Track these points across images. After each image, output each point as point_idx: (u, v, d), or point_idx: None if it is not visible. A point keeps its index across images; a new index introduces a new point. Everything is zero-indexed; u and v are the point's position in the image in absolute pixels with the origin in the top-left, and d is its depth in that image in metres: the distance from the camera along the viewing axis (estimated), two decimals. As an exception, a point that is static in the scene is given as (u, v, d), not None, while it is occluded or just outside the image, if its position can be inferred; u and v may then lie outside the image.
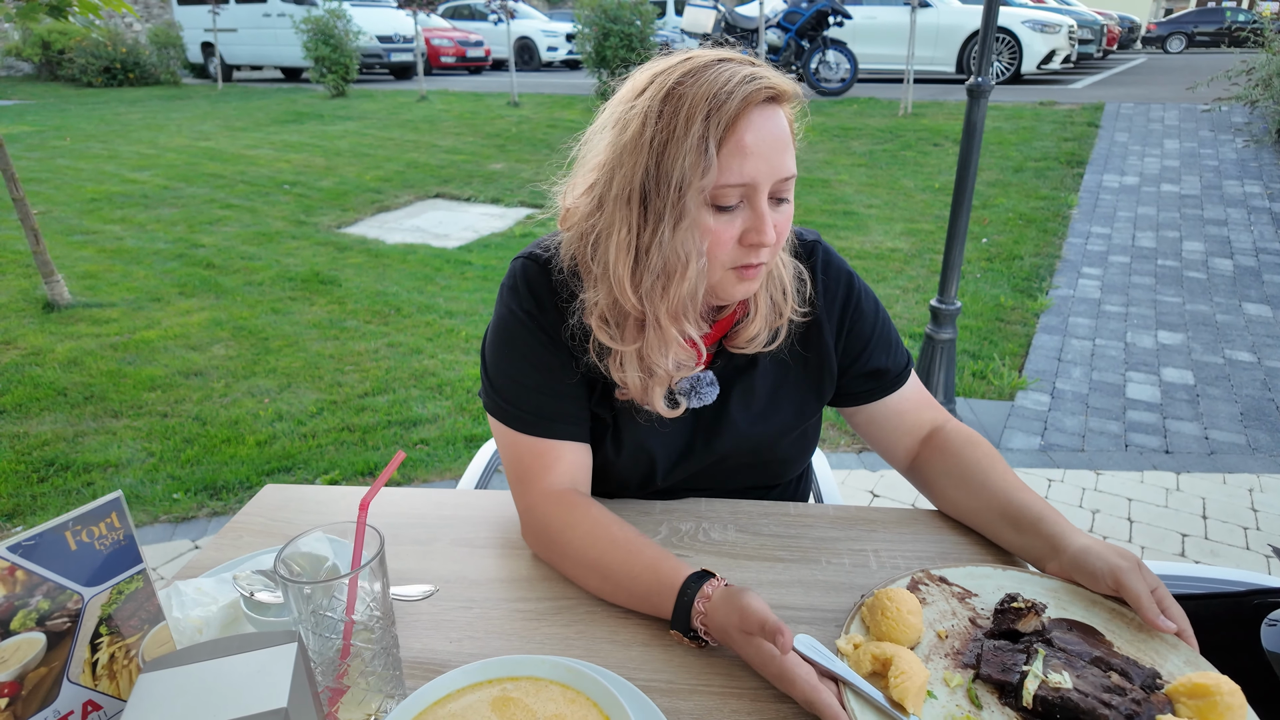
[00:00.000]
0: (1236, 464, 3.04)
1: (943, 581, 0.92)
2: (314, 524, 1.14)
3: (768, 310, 1.05)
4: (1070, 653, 0.78)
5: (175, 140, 9.53)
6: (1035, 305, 4.48)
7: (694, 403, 1.07)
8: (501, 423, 1.07)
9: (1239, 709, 0.70)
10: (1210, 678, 0.73)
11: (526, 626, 0.92)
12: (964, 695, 0.77)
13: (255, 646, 0.66)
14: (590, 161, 0.99)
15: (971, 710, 0.76)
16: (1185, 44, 22.55)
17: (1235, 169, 6.65)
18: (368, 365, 3.89)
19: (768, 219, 0.92)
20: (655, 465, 1.11)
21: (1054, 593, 0.89)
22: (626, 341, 1.00)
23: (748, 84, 0.88)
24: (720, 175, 0.89)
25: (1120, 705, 0.72)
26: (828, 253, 1.14)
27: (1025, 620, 0.82)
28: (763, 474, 1.19)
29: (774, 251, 0.97)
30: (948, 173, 6.96)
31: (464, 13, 19.07)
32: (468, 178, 7.47)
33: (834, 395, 1.17)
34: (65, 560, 0.67)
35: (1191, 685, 0.73)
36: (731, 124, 0.88)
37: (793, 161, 0.94)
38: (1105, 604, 0.87)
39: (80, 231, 6.09)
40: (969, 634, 0.85)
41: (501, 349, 1.07)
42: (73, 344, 4.08)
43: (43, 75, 16.84)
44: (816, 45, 10.59)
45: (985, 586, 0.92)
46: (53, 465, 3.04)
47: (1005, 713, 0.75)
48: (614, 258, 0.95)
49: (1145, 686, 0.75)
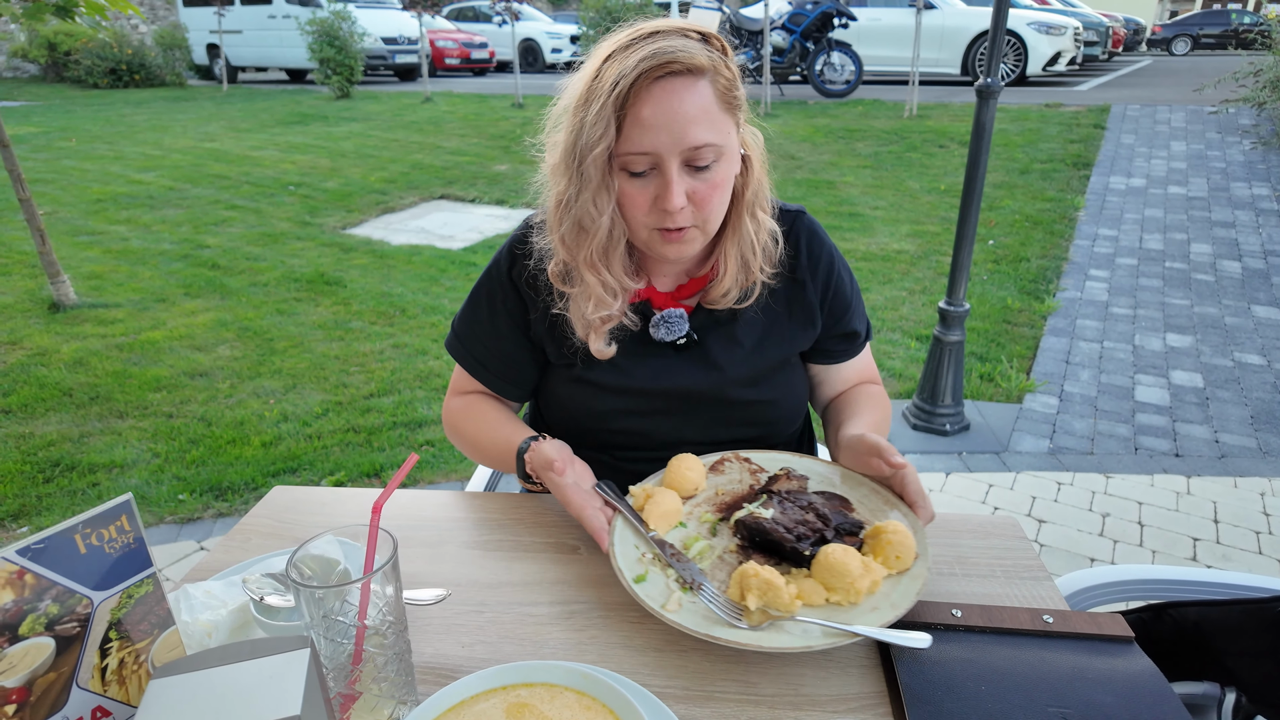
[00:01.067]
0: (1248, 468, 3.02)
1: (746, 460, 1.14)
2: (323, 526, 1.13)
3: (737, 269, 1.14)
4: (792, 502, 0.98)
5: (180, 141, 9.55)
6: (1042, 307, 4.46)
7: (663, 334, 1.17)
8: (451, 355, 1.29)
9: (899, 544, 0.89)
10: (886, 523, 0.92)
11: (539, 631, 0.91)
12: (707, 528, 1.02)
13: (267, 652, 0.64)
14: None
15: (706, 535, 1.01)
16: (1190, 46, 22.49)
17: (1243, 171, 6.62)
18: (373, 366, 3.88)
19: (673, 186, 1.00)
20: (642, 393, 1.19)
21: (827, 475, 1.10)
22: (570, 287, 1.13)
23: (649, 60, 0.96)
24: (624, 144, 0.99)
25: (801, 534, 0.92)
26: (812, 224, 1.25)
27: (779, 482, 1.05)
28: (758, 416, 1.23)
29: (702, 217, 1.05)
30: (953, 174, 6.94)
31: (469, 14, 19.10)
32: (472, 179, 7.47)
33: (808, 351, 1.28)
34: (74, 564, 0.66)
35: (873, 529, 0.93)
36: (630, 97, 0.97)
37: (708, 132, 0.99)
38: (868, 484, 1.06)
39: (86, 232, 6.10)
40: (742, 494, 1.07)
41: (471, 296, 1.26)
42: (78, 344, 4.08)
43: (49, 77, 16.89)
44: (821, 47, 10.58)
45: (776, 466, 1.12)
46: (58, 466, 3.04)
47: (731, 540, 0.98)
48: (550, 213, 1.11)
49: (841, 529, 0.95)
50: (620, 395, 1.19)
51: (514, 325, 1.23)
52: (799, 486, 1.05)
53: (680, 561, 0.94)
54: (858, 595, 0.86)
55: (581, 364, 1.19)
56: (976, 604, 0.91)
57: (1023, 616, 0.88)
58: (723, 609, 0.86)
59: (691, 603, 0.88)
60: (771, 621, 0.83)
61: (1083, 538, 2.63)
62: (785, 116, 9.41)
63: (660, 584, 0.91)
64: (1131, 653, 0.84)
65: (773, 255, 1.18)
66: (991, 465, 3.06)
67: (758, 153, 1.13)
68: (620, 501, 1.04)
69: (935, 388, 3.26)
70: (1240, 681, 1.01)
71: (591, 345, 1.15)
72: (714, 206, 1.06)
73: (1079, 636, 0.86)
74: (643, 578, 0.91)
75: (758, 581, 0.85)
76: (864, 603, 0.86)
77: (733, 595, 0.87)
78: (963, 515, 1.11)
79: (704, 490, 1.09)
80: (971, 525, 1.09)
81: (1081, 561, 2.51)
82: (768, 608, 0.84)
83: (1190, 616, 1.05)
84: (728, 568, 0.94)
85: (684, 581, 0.91)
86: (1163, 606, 1.09)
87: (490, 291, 1.24)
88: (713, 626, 0.83)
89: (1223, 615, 1.04)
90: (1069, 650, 0.84)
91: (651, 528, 0.99)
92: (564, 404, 1.24)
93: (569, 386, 1.22)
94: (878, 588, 0.88)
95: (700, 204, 1.04)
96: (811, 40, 10.69)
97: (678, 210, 1.02)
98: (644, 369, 1.19)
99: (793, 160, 7.52)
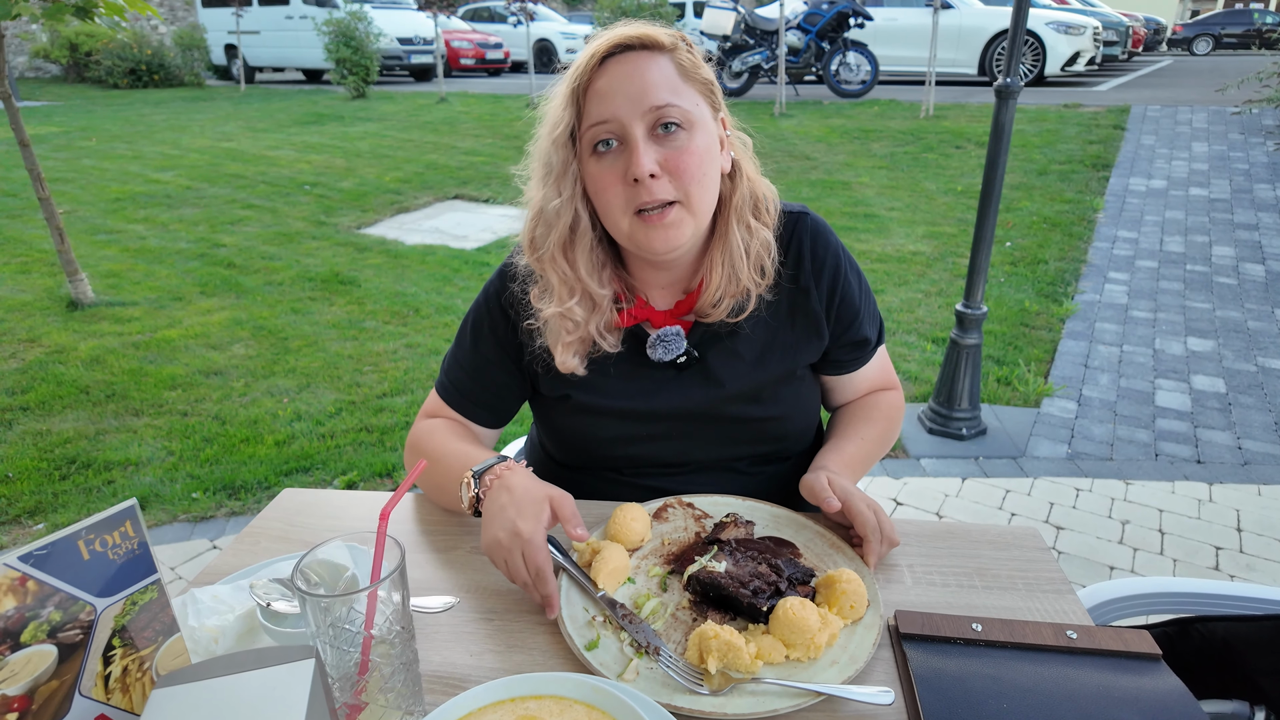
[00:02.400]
0: (1271, 475, 2.96)
1: (690, 506, 1.10)
2: (332, 529, 1.12)
3: (723, 277, 1.08)
4: (745, 552, 0.96)
5: (198, 141, 9.63)
6: (1061, 310, 4.40)
7: (660, 354, 1.12)
8: (435, 390, 1.24)
9: (853, 594, 0.88)
10: (839, 572, 0.91)
11: (548, 640, 0.90)
12: (657, 582, 0.98)
13: (272, 662, 0.63)
14: None
15: (656, 591, 0.97)
16: (1212, 46, 22.21)
17: (1266, 172, 6.51)
18: (386, 366, 3.88)
19: (639, 148, 0.97)
20: (642, 416, 1.15)
21: (776, 519, 1.08)
22: (544, 304, 1.10)
23: (607, 40, 1.00)
24: (585, 119, 1.00)
25: (757, 588, 0.89)
26: (816, 223, 1.16)
27: (727, 530, 1.02)
28: (765, 433, 1.18)
29: (683, 189, 1.00)
30: (970, 175, 6.87)
31: (484, 15, 19.16)
32: (486, 179, 7.48)
33: (818, 362, 1.21)
34: (78, 570, 0.65)
35: (825, 578, 0.92)
36: (587, 75, 0.99)
37: (670, 94, 0.99)
38: (813, 528, 1.05)
39: (104, 231, 6.15)
40: (689, 543, 1.03)
41: (462, 328, 1.22)
42: (95, 342, 4.11)
43: (70, 77, 17.10)
44: (837, 47, 10.52)
45: (720, 511, 1.09)
46: (74, 463, 3.06)
47: (683, 595, 0.95)
48: (525, 222, 1.11)
49: (793, 579, 0.93)
50: (622, 420, 1.15)
51: (501, 351, 1.18)
52: (746, 533, 1.03)
53: (633, 624, 0.89)
54: (817, 650, 0.84)
55: (576, 391, 1.14)
56: (998, 618, 0.88)
57: (1046, 632, 0.86)
58: (682, 674, 0.82)
59: (649, 669, 0.84)
60: (733, 685, 0.81)
61: (1102, 545, 2.58)
62: (800, 117, 9.36)
63: (614, 650, 0.87)
64: (1159, 671, 0.82)
65: (767, 266, 1.11)
66: (1009, 470, 3.02)
67: (747, 158, 1.11)
68: (566, 560, 0.99)
69: (952, 391, 3.22)
70: (1270, 700, 0.98)
71: (557, 357, 1.09)
72: (692, 176, 0.99)
73: (1105, 653, 0.83)
74: (594, 644, 0.87)
75: (718, 643, 0.82)
76: (823, 656, 0.85)
77: (691, 658, 0.84)
78: (982, 526, 1.09)
79: (650, 540, 1.05)
80: (991, 536, 1.06)
81: (1101, 570, 2.47)
82: (728, 670, 0.82)
83: (1218, 632, 1.03)
84: (682, 626, 0.91)
85: (639, 645, 0.87)
86: (1189, 621, 1.06)
87: (479, 318, 1.19)
88: (674, 695, 0.80)
89: (1252, 631, 1.01)
90: (1094, 668, 0.82)
91: (601, 587, 0.94)
92: (568, 436, 1.21)
93: (570, 419, 1.18)
94: (835, 640, 0.86)
95: (676, 173, 0.99)
96: (827, 40, 10.64)
97: (647, 174, 0.97)
98: (642, 391, 1.14)
99: (808, 160, 7.47)
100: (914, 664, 0.82)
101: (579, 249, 1.06)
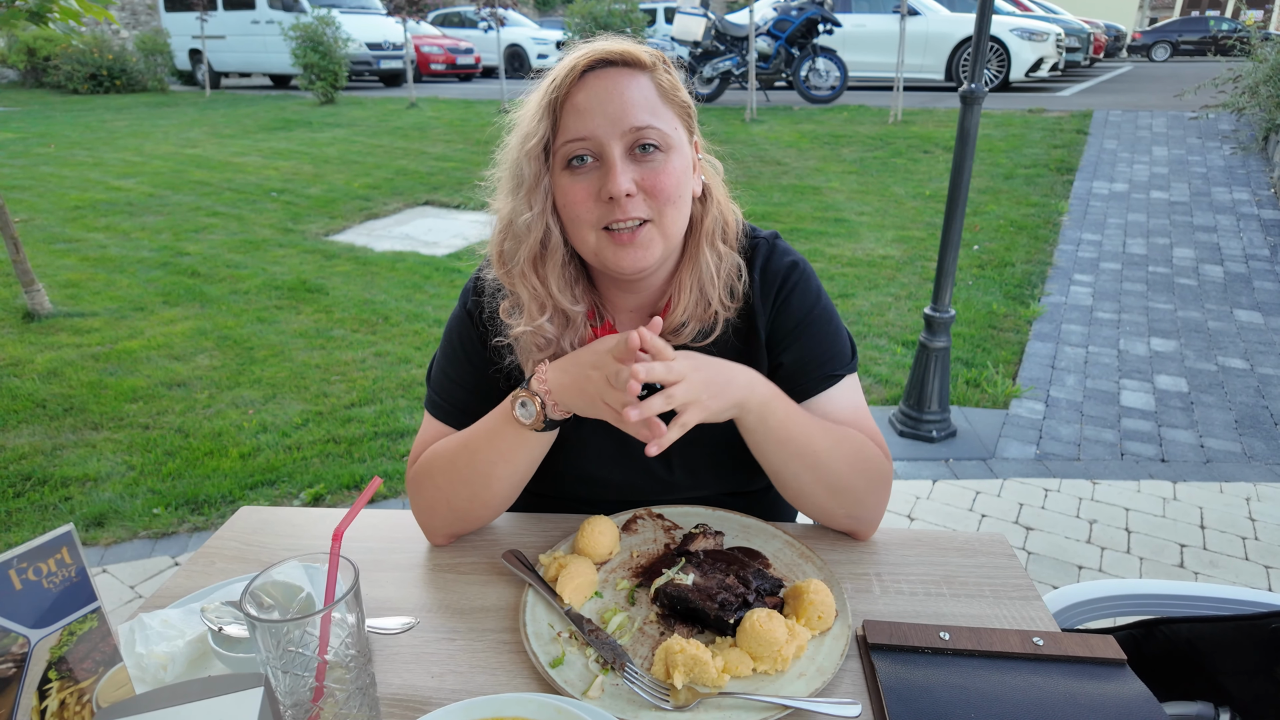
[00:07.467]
0: (1233, 472, 3.02)
1: (659, 517, 1.10)
2: (291, 549, 1.09)
3: (690, 299, 1.06)
4: (713, 564, 0.95)
5: (162, 148, 9.44)
6: (1028, 312, 4.46)
7: None
8: (427, 411, 1.19)
9: (821, 604, 0.88)
10: (807, 583, 0.91)
11: (512, 660, 0.88)
12: (624, 596, 0.97)
13: (218, 691, 0.61)
14: None
15: (624, 604, 0.96)
16: (1170, 52, 22.76)
17: (1223, 176, 6.68)
18: (355, 375, 3.82)
19: (616, 167, 0.96)
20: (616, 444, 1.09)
21: (745, 529, 1.08)
22: (513, 320, 1.07)
23: (586, 54, 0.97)
24: (561, 134, 0.98)
25: (725, 600, 0.88)
26: (774, 247, 1.13)
27: (696, 542, 1.01)
28: (733, 465, 1.12)
29: (657, 208, 0.98)
30: (938, 180, 6.96)
31: (454, 20, 19.06)
32: (458, 185, 7.42)
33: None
34: (10, 601, 0.62)
35: (793, 588, 0.92)
36: (565, 89, 0.97)
37: (650, 116, 0.97)
38: (782, 537, 1.05)
39: (63, 240, 6.00)
40: (658, 555, 1.02)
41: (443, 343, 1.19)
42: (53, 354, 4.00)
43: (28, 82, 16.70)
44: (806, 53, 10.62)
45: (690, 522, 1.09)
46: (29, 479, 2.96)
47: (651, 609, 0.94)
48: (493, 234, 1.08)
49: (762, 591, 0.92)
50: (597, 457, 1.12)
51: (480, 361, 1.14)
52: (716, 544, 1.02)
53: (599, 639, 0.88)
54: (785, 663, 0.83)
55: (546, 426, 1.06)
56: (965, 626, 0.88)
57: (1013, 639, 0.86)
58: (648, 690, 0.81)
59: (615, 685, 0.83)
60: (699, 700, 0.80)
61: (1070, 545, 2.61)
62: (770, 122, 9.42)
63: (579, 667, 0.85)
64: (1123, 676, 0.82)
65: (737, 288, 1.08)
66: (979, 472, 3.05)
67: (718, 184, 1.10)
68: (530, 575, 0.97)
69: (921, 394, 3.24)
70: (1234, 700, 0.99)
71: (529, 375, 1.05)
72: (668, 197, 0.98)
73: (1070, 660, 0.83)
74: (559, 660, 0.86)
75: (684, 658, 0.81)
76: (791, 668, 0.84)
77: (657, 673, 0.83)
78: (949, 533, 1.09)
79: (618, 553, 1.04)
80: (958, 543, 1.06)
81: (1069, 569, 2.50)
82: (695, 684, 0.81)
83: (1183, 633, 1.03)
84: (650, 640, 0.90)
85: (605, 661, 0.85)
86: (1154, 623, 1.07)
87: (452, 330, 1.17)
88: (640, 712, 0.79)
89: (1216, 632, 1.02)
90: (1060, 674, 0.82)
91: (566, 601, 0.93)
92: (557, 469, 1.14)
93: (550, 453, 1.10)
94: (803, 651, 0.86)
95: (652, 192, 0.97)
96: (797, 46, 10.73)
97: (623, 194, 0.95)
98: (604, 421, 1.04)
99: (778, 166, 7.51)
100: (882, 675, 0.82)
101: (550, 264, 1.04)
